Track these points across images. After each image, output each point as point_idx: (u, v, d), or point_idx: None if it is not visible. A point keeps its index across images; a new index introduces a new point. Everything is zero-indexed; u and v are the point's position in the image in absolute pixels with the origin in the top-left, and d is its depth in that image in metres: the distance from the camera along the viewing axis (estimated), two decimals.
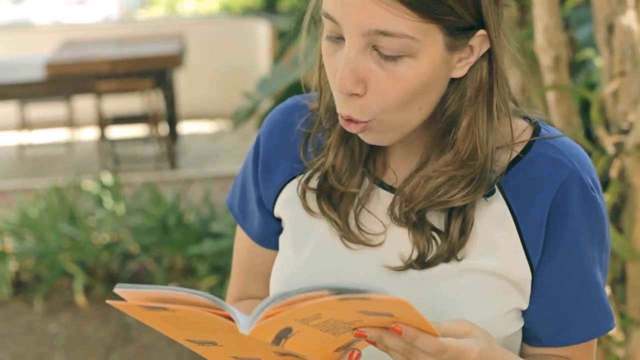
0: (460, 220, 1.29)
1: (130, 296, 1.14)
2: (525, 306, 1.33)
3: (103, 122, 8.48)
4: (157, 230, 5.59)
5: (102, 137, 8.55)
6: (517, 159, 1.32)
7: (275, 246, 1.50)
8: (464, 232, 1.30)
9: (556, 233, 1.30)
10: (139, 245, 5.58)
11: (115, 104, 9.36)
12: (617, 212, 2.70)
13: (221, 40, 10.87)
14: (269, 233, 1.50)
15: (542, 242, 1.30)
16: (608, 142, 2.66)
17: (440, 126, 1.29)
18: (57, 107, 9.84)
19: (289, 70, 4.65)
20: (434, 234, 1.31)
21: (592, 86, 3.30)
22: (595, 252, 1.33)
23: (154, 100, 8.59)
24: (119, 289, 1.14)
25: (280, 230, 1.48)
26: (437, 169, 1.29)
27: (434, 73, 1.22)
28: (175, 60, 8.45)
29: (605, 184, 2.69)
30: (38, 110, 9.77)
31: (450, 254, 1.30)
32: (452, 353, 1.13)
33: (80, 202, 5.99)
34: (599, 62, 3.09)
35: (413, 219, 1.31)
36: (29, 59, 9.23)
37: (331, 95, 1.36)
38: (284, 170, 1.45)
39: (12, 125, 10.02)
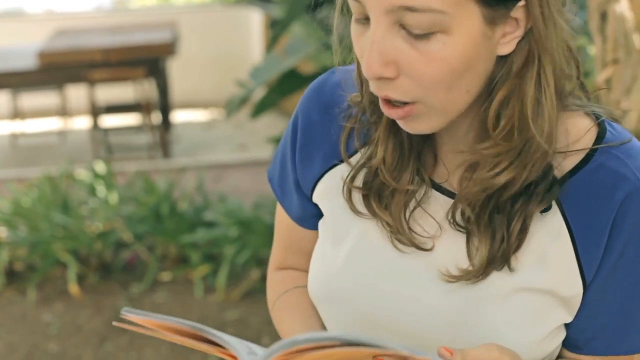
0: (521, 221, 1.21)
1: (138, 321, 1.12)
2: (570, 320, 1.27)
3: (96, 111, 8.46)
4: (150, 219, 5.59)
5: (95, 126, 8.53)
6: (576, 168, 1.22)
7: (314, 227, 1.43)
8: (523, 232, 1.22)
9: (614, 250, 1.22)
10: (132, 234, 5.57)
11: (108, 93, 9.34)
12: None
13: (214, 29, 10.85)
14: (308, 215, 1.44)
15: (599, 260, 1.22)
16: None
17: (492, 107, 1.19)
18: (50, 96, 9.82)
19: (281, 58, 4.64)
20: (495, 234, 1.22)
21: (585, 74, 3.30)
22: None
23: (147, 89, 8.57)
24: (127, 313, 1.12)
25: (319, 214, 1.41)
26: (480, 151, 1.20)
27: (474, 50, 1.12)
28: (168, 48, 8.43)
29: None
30: (30, 99, 9.75)
31: (504, 258, 1.22)
32: None
33: (73, 191, 5.97)
34: (592, 50, 3.09)
35: (482, 219, 1.22)
36: (22, 47, 9.19)
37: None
38: (323, 157, 1.37)
39: (4, 114, 9.99)
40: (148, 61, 8.36)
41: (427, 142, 1.30)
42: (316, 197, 1.40)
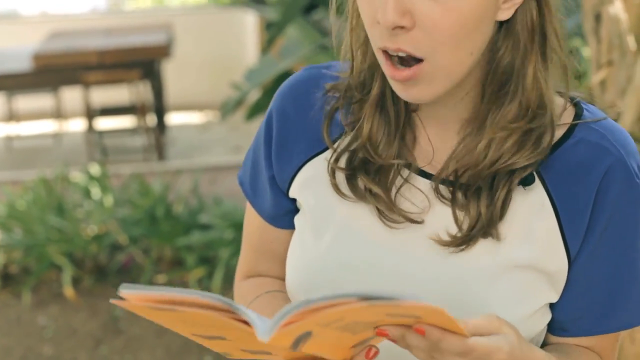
0: (506, 190, 1.23)
1: (137, 298, 1.06)
2: (556, 298, 1.28)
3: (91, 114, 8.45)
4: (145, 221, 5.58)
5: (90, 129, 8.53)
6: (558, 144, 1.25)
7: (287, 226, 1.43)
8: (507, 202, 1.23)
9: (598, 221, 1.24)
10: (128, 236, 5.56)
11: (103, 95, 9.33)
12: None
13: (209, 31, 10.85)
14: (282, 213, 1.43)
15: (583, 232, 1.24)
16: None
17: (498, 78, 1.22)
18: (45, 99, 9.80)
19: (276, 60, 4.64)
20: (484, 200, 1.23)
21: (580, 76, 3.30)
22: (638, 241, 1.27)
23: (142, 91, 8.57)
24: (124, 291, 1.05)
25: (294, 209, 1.41)
26: (505, 126, 1.22)
27: (484, 5, 1.15)
28: (163, 51, 8.42)
29: None
30: (25, 101, 9.74)
31: (490, 225, 1.23)
32: (479, 353, 1.09)
33: (68, 194, 5.97)
34: (587, 51, 3.09)
35: (473, 184, 1.24)
36: (16, 49, 9.19)
37: (363, 61, 1.30)
38: (302, 149, 1.36)
39: None
40: (143, 63, 8.36)
41: (410, 125, 1.31)
42: (294, 190, 1.38)
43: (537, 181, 1.25)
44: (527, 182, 1.24)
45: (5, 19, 11.77)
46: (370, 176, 1.29)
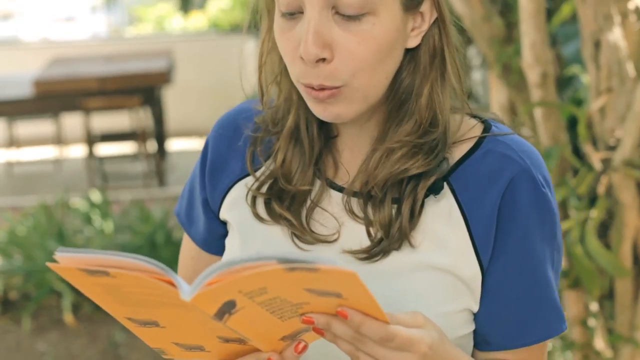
0: (411, 201, 1.28)
1: (71, 261, 1.10)
2: (476, 308, 1.31)
3: (91, 140, 8.47)
4: (145, 248, 5.58)
5: (91, 155, 8.54)
6: (466, 156, 1.31)
7: (220, 252, 1.47)
8: (414, 212, 1.28)
9: (506, 230, 1.28)
10: None
11: (103, 122, 9.35)
12: (604, 228, 2.71)
13: (209, 57, 10.87)
14: (214, 237, 1.48)
15: (492, 240, 1.28)
16: (595, 159, 2.66)
17: (397, 98, 1.30)
18: (45, 125, 9.83)
19: None
20: (392, 211, 1.29)
21: (579, 102, 3.31)
22: (547, 250, 1.31)
23: (143, 118, 8.59)
24: (59, 254, 1.10)
25: (225, 234, 1.46)
26: (399, 140, 1.29)
27: (395, 32, 1.24)
28: (164, 77, 8.45)
29: (593, 200, 2.69)
30: (26, 127, 9.76)
31: (401, 237, 1.28)
32: (400, 341, 1.11)
33: (69, 220, 5.97)
34: (586, 78, 3.10)
35: (378, 195, 1.29)
36: (17, 76, 9.21)
37: (278, 96, 1.38)
38: (231, 172, 1.43)
39: None
40: (143, 90, 8.38)
41: (327, 148, 1.38)
42: (224, 211, 1.44)
43: (448, 190, 1.30)
44: (436, 190, 1.29)
45: (7, 45, 11.81)
46: (284, 203, 1.36)
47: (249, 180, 1.40)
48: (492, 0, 3.27)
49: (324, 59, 1.22)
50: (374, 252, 1.29)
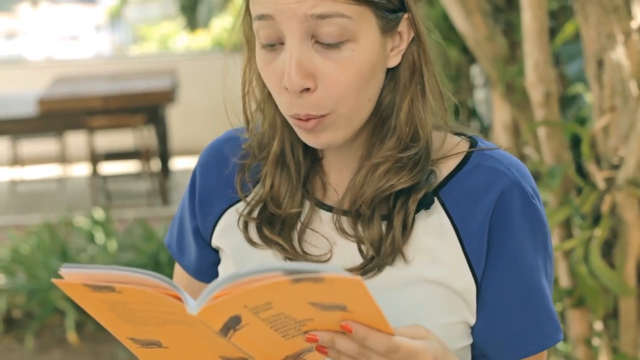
0: (403, 215, 1.29)
1: (77, 277, 1.10)
2: (472, 320, 1.32)
3: (95, 158, 8.48)
4: (149, 266, 5.58)
5: (94, 173, 8.55)
6: (455, 171, 1.32)
7: (212, 279, 1.47)
8: (406, 226, 1.29)
9: (498, 242, 1.29)
10: None
11: (107, 140, 9.36)
12: (608, 247, 2.71)
13: (213, 76, 10.89)
14: (206, 265, 1.49)
15: (484, 252, 1.29)
16: (599, 177, 2.66)
17: (379, 116, 1.31)
18: (49, 143, 9.84)
19: None
20: (382, 227, 1.30)
21: (582, 121, 3.32)
22: (540, 260, 1.32)
23: (146, 136, 8.60)
24: (64, 270, 1.10)
25: (217, 262, 1.47)
26: (382, 155, 1.30)
27: (376, 56, 1.25)
28: (168, 96, 8.46)
29: (597, 219, 2.69)
30: (30, 146, 9.77)
31: (393, 252, 1.29)
32: (404, 353, 1.11)
33: (72, 239, 5.97)
34: (589, 97, 3.11)
35: (366, 212, 1.30)
36: (22, 94, 9.24)
37: (263, 123, 1.40)
38: (221, 199, 1.44)
39: (4, 161, 10.00)
40: (147, 108, 8.40)
41: (314, 170, 1.39)
42: (216, 238, 1.45)
43: (438, 205, 1.31)
44: (426, 204, 1.30)
45: (11, 63, 11.84)
46: (275, 228, 1.37)
47: (240, 206, 1.41)
48: (495, 19, 3.28)
49: (308, 89, 1.23)
50: (368, 268, 1.30)
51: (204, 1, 11.62)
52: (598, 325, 2.86)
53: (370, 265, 1.30)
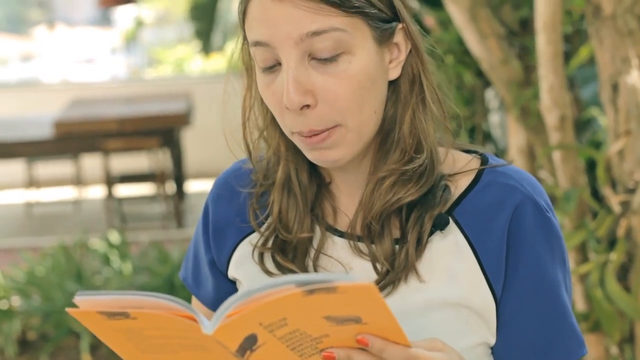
0: (417, 229, 1.29)
1: (91, 304, 1.10)
2: (493, 341, 1.31)
3: (110, 181, 8.50)
4: (164, 289, 5.58)
5: (110, 196, 8.57)
6: (468, 189, 1.32)
7: None
8: (420, 242, 1.29)
9: (516, 257, 1.29)
10: None
11: (122, 163, 9.39)
12: (624, 271, 2.70)
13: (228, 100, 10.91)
14: (223, 296, 1.43)
15: (503, 269, 1.29)
16: (614, 201, 2.66)
17: (384, 130, 1.32)
18: (65, 165, 9.87)
19: None
20: (395, 243, 1.30)
21: (597, 145, 3.31)
22: (559, 273, 1.31)
23: (161, 159, 8.62)
24: (78, 298, 1.10)
25: (234, 292, 1.44)
26: (387, 169, 1.30)
27: (374, 66, 1.26)
28: (183, 119, 8.49)
29: (612, 243, 2.68)
30: (46, 168, 9.80)
31: (407, 266, 1.28)
32: None
33: (87, 261, 5.98)
34: (604, 121, 3.11)
35: (376, 228, 1.30)
36: (38, 117, 9.28)
37: (267, 149, 1.40)
38: (235, 230, 1.45)
39: (19, 183, 10.04)
40: (163, 131, 8.42)
41: (323, 195, 1.39)
42: (232, 270, 1.45)
43: (453, 225, 1.31)
44: (442, 225, 1.30)
45: (27, 86, 11.90)
46: (288, 255, 1.37)
47: (254, 237, 1.42)
48: (510, 43, 3.28)
49: (308, 105, 1.24)
50: (383, 284, 1.30)
51: (219, 25, 11.64)
52: (614, 350, 2.84)
53: (385, 281, 1.29)
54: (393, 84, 1.32)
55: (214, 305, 1.50)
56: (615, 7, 2.55)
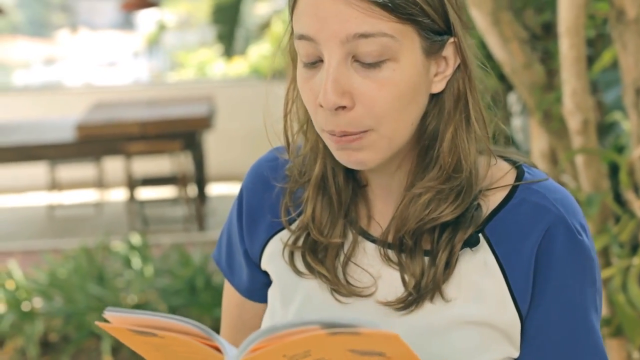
0: (448, 251, 1.28)
1: (120, 321, 1.12)
2: (516, 354, 1.30)
3: (132, 184, 8.52)
4: (185, 291, 5.59)
5: (131, 198, 8.59)
6: (500, 205, 1.30)
7: (264, 299, 1.47)
8: (449, 264, 1.27)
9: (543, 279, 1.28)
10: (167, 306, 5.57)
11: (144, 166, 9.42)
12: None
13: (250, 103, 10.94)
14: (258, 286, 1.48)
15: (530, 290, 1.28)
16: (637, 206, 2.65)
17: (423, 144, 1.30)
18: (87, 168, 9.91)
19: None
20: (425, 261, 1.29)
21: (620, 149, 3.30)
22: (589, 296, 1.30)
23: (183, 162, 8.64)
24: (108, 313, 1.11)
25: (268, 282, 1.46)
26: (424, 186, 1.28)
27: (417, 77, 1.23)
28: (205, 122, 8.50)
29: (635, 247, 2.68)
30: (68, 171, 9.85)
31: (434, 287, 1.27)
32: None
33: (109, 263, 6.00)
34: (627, 125, 3.10)
35: (408, 243, 1.29)
36: (60, 120, 9.32)
37: (305, 145, 1.39)
38: (268, 224, 1.43)
39: (42, 185, 10.09)
40: (185, 134, 8.44)
41: (358, 198, 1.38)
42: (264, 263, 1.44)
43: (483, 242, 1.29)
44: (472, 243, 1.29)
45: (50, 89, 11.96)
46: (318, 256, 1.36)
47: (284, 234, 1.41)
48: (532, 47, 3.27)
49: (344, 107, 1.22)
50: (409, 301, 1.29)
51: (241, 29, 11.68)
52: (636, 355, 2.83)
53: (410, 299, 1.29)
54: (436, 97, 1.29)
55: (248, 293, 1.49)
56: (639, 11, 2.54)
